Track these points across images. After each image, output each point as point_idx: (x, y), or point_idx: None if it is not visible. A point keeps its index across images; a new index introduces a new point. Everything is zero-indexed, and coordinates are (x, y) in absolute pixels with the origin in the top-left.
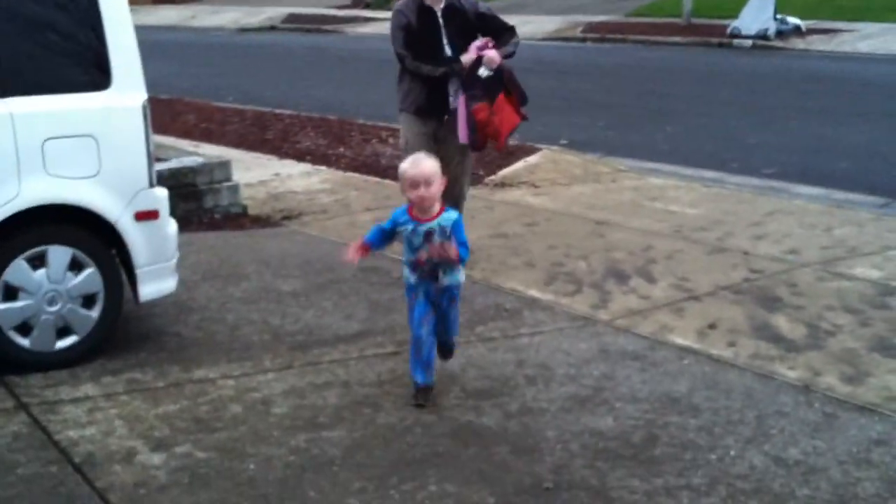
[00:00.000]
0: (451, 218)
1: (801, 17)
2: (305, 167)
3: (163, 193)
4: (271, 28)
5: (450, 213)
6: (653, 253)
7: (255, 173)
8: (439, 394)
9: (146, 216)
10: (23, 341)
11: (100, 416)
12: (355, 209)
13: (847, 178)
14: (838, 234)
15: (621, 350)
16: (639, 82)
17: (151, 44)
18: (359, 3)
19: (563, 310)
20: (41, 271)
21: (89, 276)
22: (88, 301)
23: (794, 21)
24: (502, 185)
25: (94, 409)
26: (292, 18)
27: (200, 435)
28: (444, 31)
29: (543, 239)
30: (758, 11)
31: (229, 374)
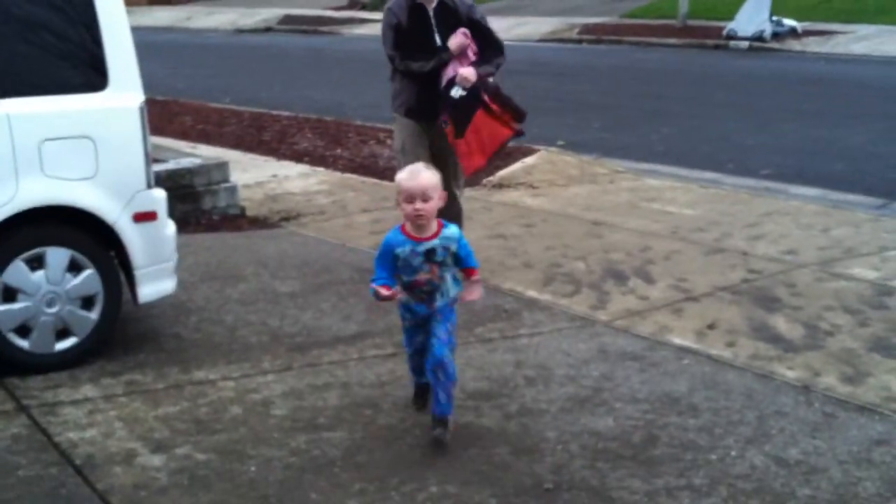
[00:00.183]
0: (453, 235)
1: (797, 18)
2: (303, 168)
3: (161, 195)
4: (267, 29)
5: (451, 230)
6: (651, 254)
7: (253, 174)
8: None
9: (144, 217)
10: (22, 343)
11: (100, 417)
12: (353, 210)
13: (843, 178)
14: (836, 234)
15: (620, 350)
16: (635, 84)
17: (147, 45)
18: (355, 5)
19: (561, 310)
20: (40, 273)
21: (88, 278)
22: (87, 302)
23: (789, 23)
24: (500, 186)
25: (93, 411)
26: (288, 20)
27: (200, 436)
28: (436, 29)
29: (541, 240)
30: (754, 13)
31: (229, 375)
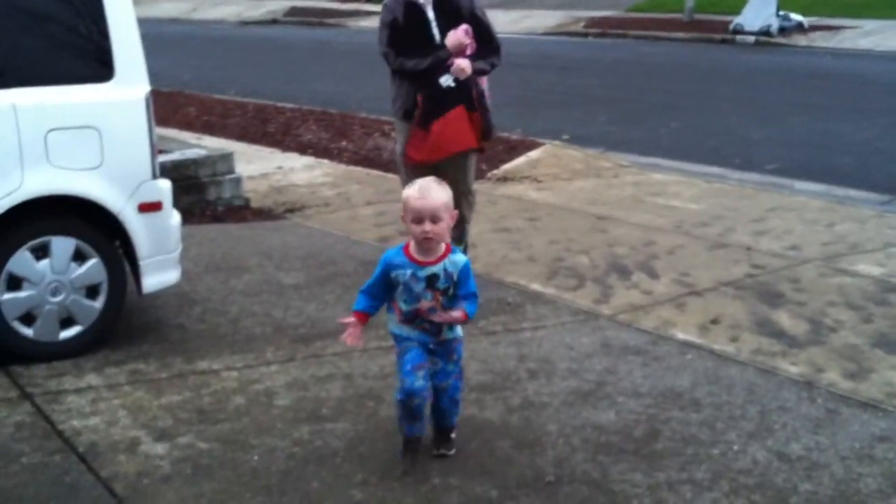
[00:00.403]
0: (458, 262)
1: (804, 13)
2: (308, 160)
3: (166, 185)
4: (273, 21)
5: (457, 256)
6: (654, 248)
7: (258, 166)
8: None
9: (149, 208)
10: (26, 331)
11: (103, 406)
12: (357, 203)
13: (849, 174)
14: (840, 230)
15: (623, 345)
16: (640, 78)
17: (153, 37)
18: None
19: (565, 304)
20: (45, 262)
21: (93, 267)
22: (92, 292)
23: (796, 17)
24: (504, 179)
25: (97, 400)
26: (294, 12)
27: (203, 426)
28: (435, 25)
29: (545, 234)
30: (760, 8)
31: (232, 365)
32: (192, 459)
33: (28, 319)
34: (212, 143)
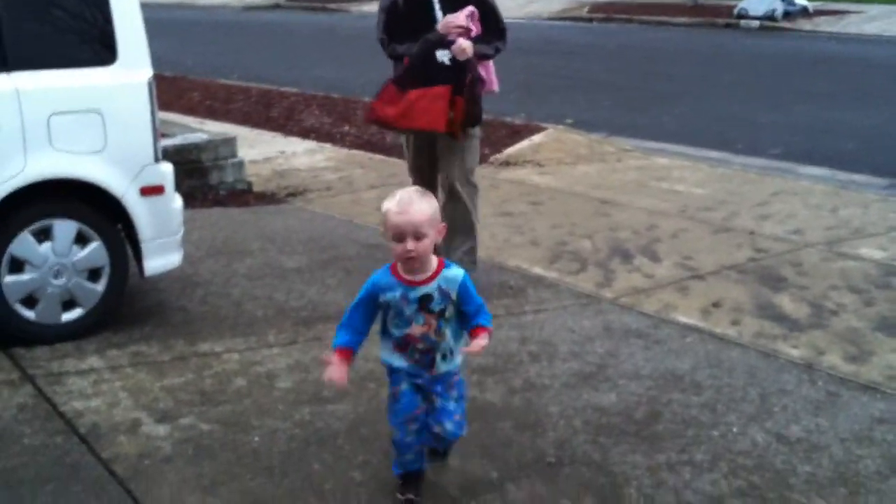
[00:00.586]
0: (455, 278)
1: None
2: (310, 145)
3: (168, 168)
4: (276, 6)
5: (453, 271)
6: (657, 232)
7: (260, 150)
8: None
9: (152, 191)
10: (28, 314)
11: (105, 387)
12: (359, 187)
13: (853, 159)
14: (843, 214)
15: (625, 328)
16: (645, 63)
17: (156, 21)
18: None
19: (567, 288)
20: (47, 245)
21: (95, 250)
22: (94, 275)
23: (801, 2)
24: (507, 163)
25: (99, 381)
26: None
27: (205, 407)
28: (437, 7)
29: (548, 217)
30: None
31: (234, 348)
32: (194, 441)
33: (30, 302)
34: (214, 128)
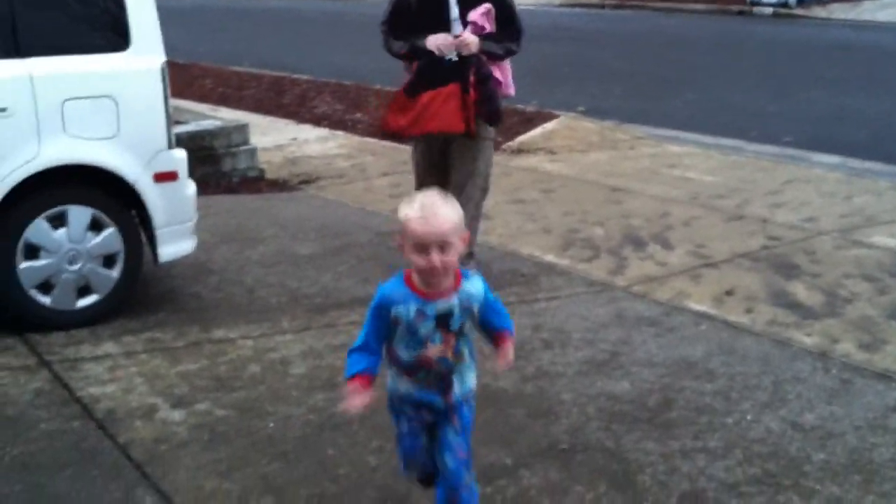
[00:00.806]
0: (476, 291)
1: None
2: (322, 132)
3: (182, 155)
4: None
5: (473, 284)
6: (670, 220)
7: (273, 138)
8: None
9: (165, 177)
10: (44, 300)
11: (120, 373)
12: (372, 174)
13: (866, 147)
14: (857, 202)
15: (638, 315)
16: (657, 50)
17: (167, 9)
18: None
19: (579, 275)
20: (61, 231)
21: (109, 237)
22: (109, 261)
23: None
24: (519, 151)
25: (114, 367)
26: None
27: (220, 393)
28: (453, 2)
29: (560, 205)
30: None
31: (248, 334)
32: (209, 426)
33: (46, 288)
34: (227, 115)
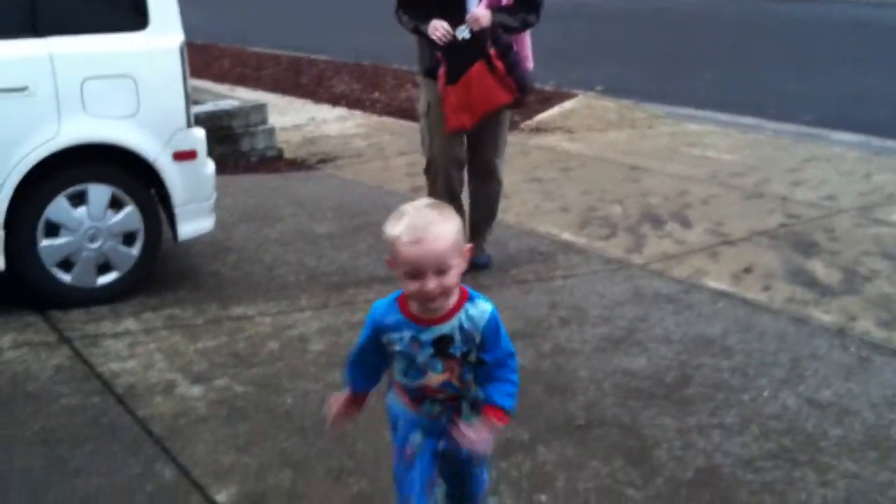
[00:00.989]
0: (480, 315)
1: None
2: (340, 111)
3: (201, 134)
4: None
5: (478, 305)
6: (688, 198)
7: (291, 117)
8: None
9: (184, 156)
10: (65, 277)
11: (140, 350)
12: (389, 153)
13: (886, 125)
14: (876, 180)
15: (655, 293)
16: (676, 28)
17: None
18: None
19: (597, 253)
20: (82, 209)
21: (129, 215)
22: (128, 239)
23: None
24: (537, 130)
25: (134, 344)
26: None
27: (238, 370)
28: None
29: (578, 184)
30: None
31: (266, 312)
32: (228, 402)
33: (66, 265)
34: (245, 95)
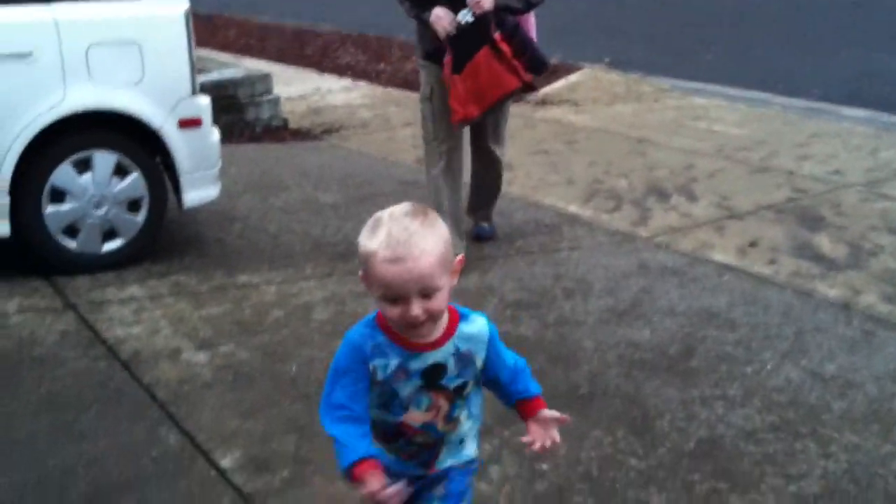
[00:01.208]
0: (480, 334)
1: None
2: (345, 82)
3: (206, 101)
4: None
5: (473, 324)
6: (694, 172)
7: (296, 88)
8: (477, 305)
9: (189, 124)
10: (70, 244)
11: (146, 316)
12: (395, 124)
13: (894, 101)
14: (884, 156)
15: (660, 266)
16: (684, 1)
17: None
18: None
19: (602, 226)
20: (87, 176)
21: (134, 182)
22: (133, 206)
23: None
24: (543, 103)
25: (140, 310)
26: None
27: (243, 337)
28: None
29: (584, 156)
30: None
31: (271, 280)
32: (233, 368)
33: (72, 232)
34: (250, 65)
